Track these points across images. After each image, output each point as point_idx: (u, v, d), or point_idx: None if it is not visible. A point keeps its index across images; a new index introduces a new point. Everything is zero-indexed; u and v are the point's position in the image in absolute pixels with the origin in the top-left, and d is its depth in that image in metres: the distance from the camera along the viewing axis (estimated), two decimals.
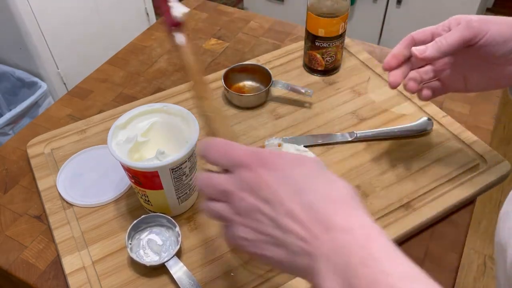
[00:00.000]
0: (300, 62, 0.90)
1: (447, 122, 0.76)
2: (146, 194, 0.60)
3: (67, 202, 0.67)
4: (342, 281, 0.31)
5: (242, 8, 2.32)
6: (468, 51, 0.55)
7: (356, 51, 0.92)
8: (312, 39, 0.82)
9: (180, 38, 0.49)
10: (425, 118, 0.75)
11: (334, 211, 0.34)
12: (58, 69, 1.53)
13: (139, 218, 0.61)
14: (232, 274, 0.58)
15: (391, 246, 0.32)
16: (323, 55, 0.83)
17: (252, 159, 0.37)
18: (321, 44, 0.82)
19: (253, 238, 0.36)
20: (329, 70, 0.86)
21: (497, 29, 0.52)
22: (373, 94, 0.82)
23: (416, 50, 0.55)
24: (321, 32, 0.80)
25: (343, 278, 0.31)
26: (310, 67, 0.87)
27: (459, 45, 0.53)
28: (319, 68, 0.86)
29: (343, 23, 0.80)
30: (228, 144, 0.40)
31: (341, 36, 0.82)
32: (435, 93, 0.61)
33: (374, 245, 0.32)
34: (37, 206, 0.69)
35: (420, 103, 0.79)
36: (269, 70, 0.82)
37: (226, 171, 0.40)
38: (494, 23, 0.53)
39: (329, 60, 0.84)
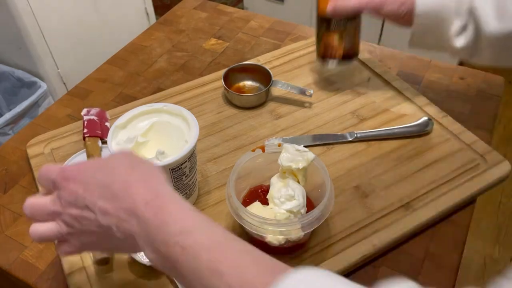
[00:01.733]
0: (300, 61, 0.90)
1: (447, 122, 0.76)
2: None
3: None
4: (152, 247, 0.38)
5: (242, 8, 2.32)
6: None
7: None
8: (327, 22, 0.76)
9: (100, 143, 0.73)
10: (425, 118, 0.75)
11: (132, 196, 0.40)
12: (58, 69, 1.53)
13: None
14: None
15: (180, 204, 0.40)
16: (341, 37, 0.76)
17: (59, 177, 0.43)
18: (338, 24, 0.75)
19: (90, 240, 0.43)
20: (349, 55, 0.79)
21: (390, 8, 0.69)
22: (373, 94, 0.82)
23: (328, 8, 0.74)
24: None
25: (151, 245, 0.38)
26: (326, 57, 0.80)
27: (352, 13, 0.74)
28: (337, 56, 0.78)
29: None
30: (46, 167, 0.45)
31: (355, 17, 0.76)
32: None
33: (166, 212, 0.39)
34: None
35: (420, 103, 0.79)
36: (269, 70, 0.82)
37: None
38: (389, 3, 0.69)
39: (348, 43, 0.77)
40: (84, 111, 0.78)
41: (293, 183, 0.58)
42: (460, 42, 0.67)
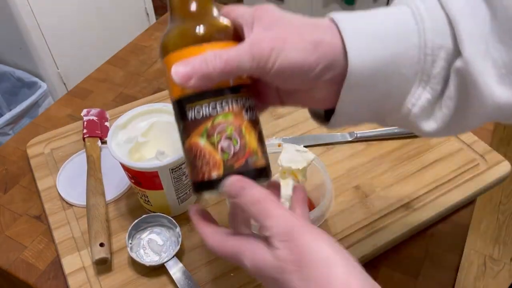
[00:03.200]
0: None
1: None
2: (146, 194, 0.60)
3: (67, 202, 0.67)
4: None
5: None
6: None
7: None
8: (178, 109, 0.38)
9: (99, 143, 0.74)
10: None
11: None
12: (58, 69, 1.53)
13: (140, 218, 0.61)
14: (231, 274, 0.58)
15: None
16: (210, 137, 0.36)
17: (289, 257, 0.33)
18: (195, 114, 0.36)
19: None
20: (251, 168, 0.37)
21: (291, 58, 0.35)
22: None
23: (176, 74, 0.35)
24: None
25: None
26: (195, 183, 0.38)
27: (233, 74, 0.36)
28: (214, 175, 0.36)
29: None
30: (263, 203, 0.35)
31: (235, 89, 0.37)
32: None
33: None
34: (37, 206, 0.68)
35: None
36: None
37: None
38: (291, 49, 0.35)
39: (229, 146, 0.36)
40: (84, 111, 0.78)
41: (293, 183, 0.58)
42: (430, 125, 0.38)
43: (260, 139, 0.38)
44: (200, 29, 0.37)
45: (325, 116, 0.42)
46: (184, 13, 0.38)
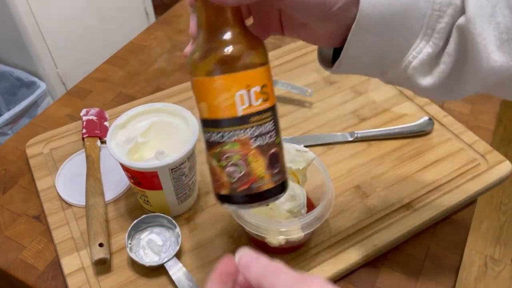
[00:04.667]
0: (300, 61, 0.90)
1: (448, 122, 0.76)
2: (146, 194, 0.60)
3: (66, 203, 0.67)
4: None
5: None
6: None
7: None
8: (200, 127, 0.42)
9: (98, 143, 0.73)
10: (426, 118, 0.75)
11: None
12: (57, 68, 1.53)
13: (140, 218, 0.60)
14: None
15: None
16: (219, 161, 0.39)
17: None
18: (209, 137, 0.40)
19: None
20: (241, 199, 0.40)
21: None
22: (373, 94, 0.82)
23: None
24: (204, 111, 0.39)
25: None
26: (217, 194, 0.42)
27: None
28: (223, 192, 0.40)
29: (247, 90, 0.37)
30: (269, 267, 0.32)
31: (243, 120, 0.38)
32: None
33: None
34: (36, 207, 0.68)
35: (421, 102, 0.79)
36: None
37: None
38: None
39: (234, 172, 0.39)
40: (83, 111, 0.78)
41: (293, 183, 0.58)
42: (427, 80, 0.39)
43: (271, 163, 0.39)
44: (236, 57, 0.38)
45: (332, 61, 0.43)
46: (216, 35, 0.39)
